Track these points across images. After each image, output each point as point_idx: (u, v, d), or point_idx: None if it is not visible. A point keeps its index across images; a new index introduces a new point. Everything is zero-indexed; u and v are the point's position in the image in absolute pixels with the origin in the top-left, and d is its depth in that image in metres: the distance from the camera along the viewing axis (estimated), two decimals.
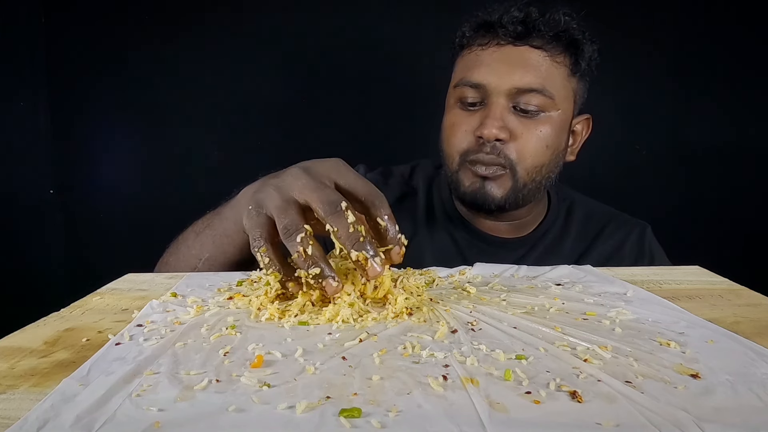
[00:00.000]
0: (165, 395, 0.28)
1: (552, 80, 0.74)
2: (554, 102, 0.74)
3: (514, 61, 0.73)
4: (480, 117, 0.74)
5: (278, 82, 1.27)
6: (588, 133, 0.85)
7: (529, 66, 0.73)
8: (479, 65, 0.74)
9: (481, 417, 0.25)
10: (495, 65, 0.73)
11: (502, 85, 0.72)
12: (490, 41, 0.74)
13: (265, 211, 0.44)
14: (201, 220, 0.67)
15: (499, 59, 0.73)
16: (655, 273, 0.57)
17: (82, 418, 0.25)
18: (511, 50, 0.73)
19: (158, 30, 1.26)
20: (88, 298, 0.48)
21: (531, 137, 0.73)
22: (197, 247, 0.64)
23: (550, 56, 0.74)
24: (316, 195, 0.42)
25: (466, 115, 0.76)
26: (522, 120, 0.73)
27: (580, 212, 0.87)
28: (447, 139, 0.78)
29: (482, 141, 0.73)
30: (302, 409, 0.26)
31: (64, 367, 0.32)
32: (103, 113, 1.28)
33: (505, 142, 0.73)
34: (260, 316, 0.41)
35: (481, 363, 0.32)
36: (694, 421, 0.25)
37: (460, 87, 0.76)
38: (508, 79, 0.72)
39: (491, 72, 0.73)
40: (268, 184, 0.46)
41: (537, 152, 0.74)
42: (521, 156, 0.74)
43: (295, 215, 0.42)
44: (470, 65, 0.76)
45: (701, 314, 0.41)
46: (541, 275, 0.55)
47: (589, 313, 0.42)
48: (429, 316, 0.41)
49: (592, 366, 0.31)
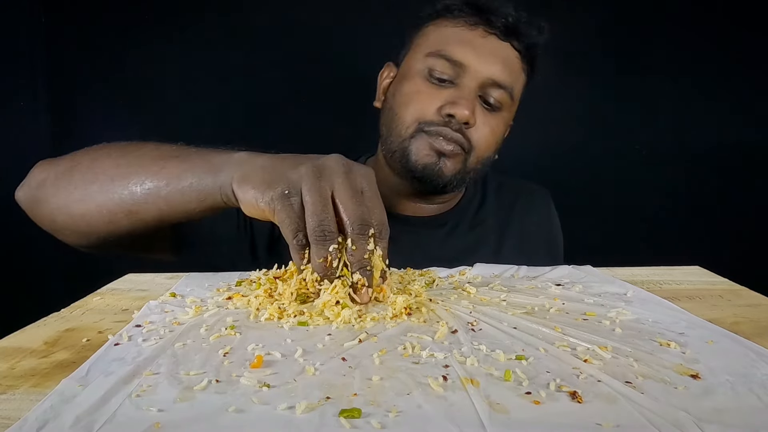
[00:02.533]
0: (165, 396, 0.28)
1: (517, 83, 0.75)
2: (512, 103, 0.75)
3: (499, 52, 0.72)
4: (449, 95, 0.71)
5: (279, 82, 1.27)
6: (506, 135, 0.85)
7: (508, 63, 0.73)
8: (465, 43, 0.71)
9: (481, 417, 0.25)
10: (481, 50, 0.71)
11: (482, 72, 0.71)
12: (478, 24, 0.72)
13: (300, 198, 0.43)
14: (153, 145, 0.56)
15: (486, 45, 0.72)
16: (655, 273, 0.57)
17: (81, 418, 0.25)
18: (497, 42, 0.72)
19: (158, 30, 1.26)
20: (88, 298, 0.48)
21: (487, 130, 0.73)
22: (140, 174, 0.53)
23: (520, 61, 0.75)
24: (353, 209, 0.42)
25: (434, 88, 0.72)
26: (483, 111, 0.73)
27: (493, 184, 0.88)
28: (405, 104, 0.73)
29: (449, 119, 0.70)
30: (302, 410, 0.26)
31: (64, 367, 0.32)
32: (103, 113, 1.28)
33: (469, 126, 0.72)
34: (260, 316, 0.41)
35: (481, 363, 0.32)
36: (694, 422, 0.25)
37: (434, 57, 0.72)
38: (489, 67, 0.71)
39: (477, 55, 0.71)
40: (307, 167, 0.44)
41: (488, 145, 0.75)
42: (477, 144, 0.73)
43: (332, 220, 0.42)
44: (452, 40, 0.72)
45: (701, 314, 0.41)
46: (541, 275, 0.55)
47: (589, 313, 0.42)
48: (429, 317, 0.41)
49: (592, 366, 0.31)
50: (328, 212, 0.42)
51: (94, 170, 0.55)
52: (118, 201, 0.53)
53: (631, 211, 1.01)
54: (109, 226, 0.55)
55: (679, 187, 1.27)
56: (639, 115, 1.28)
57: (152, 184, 0.52)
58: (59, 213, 0.57)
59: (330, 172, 0.44)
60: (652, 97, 1.27)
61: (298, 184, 0.43)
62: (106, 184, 0.54)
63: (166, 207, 0.52)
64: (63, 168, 0.58)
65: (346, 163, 0.45)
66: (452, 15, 0.74)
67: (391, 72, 0.80)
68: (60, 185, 0.56)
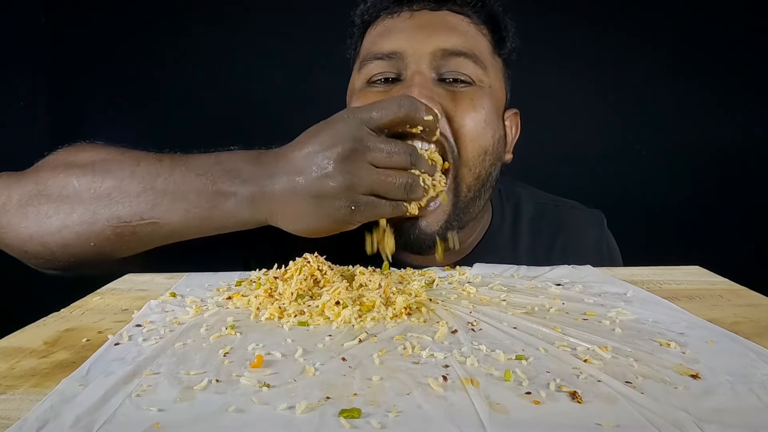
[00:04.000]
0: (165, 395, 0.28)
1: (480, 47, 0.60)
2: (486, 72, 0.60)
3: (435, 24, 0.59)
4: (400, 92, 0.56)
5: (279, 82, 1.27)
6: (518, 132, 0.70)
7: (453, 29, 0.59)
8: (389, 34, 0.60)
9: (481, 417, 0.25)
10: (410, 30, 0.59)
11: (424, 50, 0.57)
12: (400, 10, 0.61)
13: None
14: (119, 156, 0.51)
15: (415, 24, 0.59)
16: (655, 273, 0.57)
17: (81, 418, 0.25)
18: (429, 15, 0.60)
19: (159, 30, 1.26)
20: (88, 298, 0.48)
21: (466, 110, 0.57)
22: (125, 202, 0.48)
23: (474, 24, 0.61)
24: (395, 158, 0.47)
25: (380, 92, 0.59)
26: (451, 93, 0.57)
27: (529, 211, 0.71)
28: None
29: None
30: (302, 410, 0.26)
31: (64, 367, 0.32)
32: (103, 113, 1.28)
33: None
34: (260, 316, 0.41)
35: (481, 363, 0.32)
36: (694, 422, 0.25)
37: (366, 64, 0.60)
38: (429, 42, 0.58)
39: (406, 37, 0.58)
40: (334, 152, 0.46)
41: (477, 130, 0.58)
42: (459, 137, 0.57)
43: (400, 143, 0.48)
44: (376, 38, 0.61)
45: (701, 314, 0.41)
46: (541, 275, 0.55)
47: (589, 313, 0.42)
48: (429, 317, 0.41)
49: (592, 366, 0.31)
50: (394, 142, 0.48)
51: (67, 199, 0.49)
52: (108, 234, 0.49)
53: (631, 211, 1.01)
54: (99, 255, 0.51)
55: (679, 187, 1.27)
56: (639, 115, 1.28)
57: (148, 220, 0.49)
58: (31, 243, 0.51)
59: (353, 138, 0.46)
60: (653, 98, 1.27)
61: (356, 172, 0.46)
62: (87, 215, 0.49)
63: (169, 238, 0.50)
64: (27, 192, 0.51)
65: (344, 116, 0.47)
66: (372, 17, 0.64)
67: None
68: (28, 213, 0.50)
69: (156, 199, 0.48)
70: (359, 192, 0.46)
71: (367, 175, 0.46)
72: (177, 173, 0.48)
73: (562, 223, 0.72)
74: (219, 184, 0.48)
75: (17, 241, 0.51)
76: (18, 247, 0.52)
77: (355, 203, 0.46)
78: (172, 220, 0.48)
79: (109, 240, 0.50)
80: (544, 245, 0.70)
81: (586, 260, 0.59)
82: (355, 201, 0.46)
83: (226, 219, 0.49)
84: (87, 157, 0.52)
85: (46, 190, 0.50)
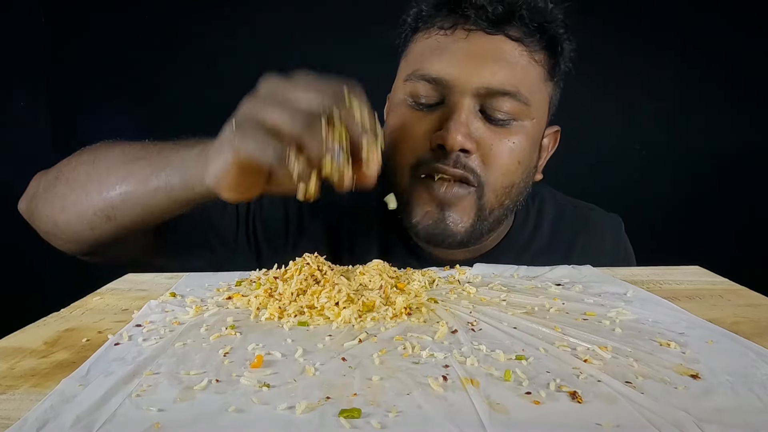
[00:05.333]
0: (165, 395, 0.28)
1: (528, 82, 0.60)
2: (529, 109, 0.60)
3: (487, 53, 0.58)
4: (438, 119, 0.58)
5: None
6: (554, 148, 0.71)
7: (504, 61, 0.58)
8: (440, 54, 0.59)
9: (481, 417, 0.25)
10: (461, 56, 0.58)
11: (470, 83, 0.57)
12: (455, 24, 0.59)
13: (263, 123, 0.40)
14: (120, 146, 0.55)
15: (467, 49, 0.58)
16: (655, 273, 0.57)
17: (81, 418, 0.25)
18: (483, 39, 0.58)
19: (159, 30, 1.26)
20: (88, 298, 0.48)
21: (502, 150, 0.59)
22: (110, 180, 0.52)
23: (528, 52, 0.60)
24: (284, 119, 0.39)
25: (419, 115, 0.60)
26: (490, 128, 0.59)
27: (550, 212, 0.73)
28: (394, 145, 0.61)
29: (442, 151, 0.58)
30: (302, 410, 0.26)
31: (64, 367, 0.32)
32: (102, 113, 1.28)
33: (469, 155, 0.58)
34: (260, 316, 0.41)
35: (481, 363, 0.32)
36: (694, 422, 0.25)
37: (412, 81, 0.60)
38: (477, 75, 0.57)
39: (456, 64, 0.58)
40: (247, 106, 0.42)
41: (508, 169, 0.60)
42: (490, 172, 0.59)
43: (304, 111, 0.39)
44: (427, 54, 0.60)
45: (701, 314, 0.41)
46: (541, 275, 0.55)
47: (589, 313, 0.42)
48: (429, 317, 0.41)
49: (592, 366, 0.31)
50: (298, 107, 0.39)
51: (71, 180, 0.56)
52: (95, 208, 0.53)
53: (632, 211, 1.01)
54: (94, 233, 0.55)
55: (679, 187, 1.27)
56: (639, 115, 1.28)
57: (122, 189, 0.52)
58: (48, 222, 0.57)
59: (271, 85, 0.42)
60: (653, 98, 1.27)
61: (250, 113, 0.41)
62: (81, 193, 0.54)
63: (141, 210, 0.52)
64: (49, 178, 0.58)
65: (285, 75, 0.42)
66: (426, 24, 0.62)
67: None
68: (47, 196, 0.57)
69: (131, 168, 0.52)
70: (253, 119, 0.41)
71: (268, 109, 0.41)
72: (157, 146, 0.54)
73: (581, 224, 0.73)
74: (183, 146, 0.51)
75: (49, 224, 0.57)
76: (42, 230, 0.59)
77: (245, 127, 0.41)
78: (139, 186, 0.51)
79: (97, 216, 0.53)
80: (564, 245, 0.70)
81: (604, 262, 0.60)
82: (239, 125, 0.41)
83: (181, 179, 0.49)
84: (101, 146, 0.58)
85: (60, 175, 0.57)
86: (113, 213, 0.53)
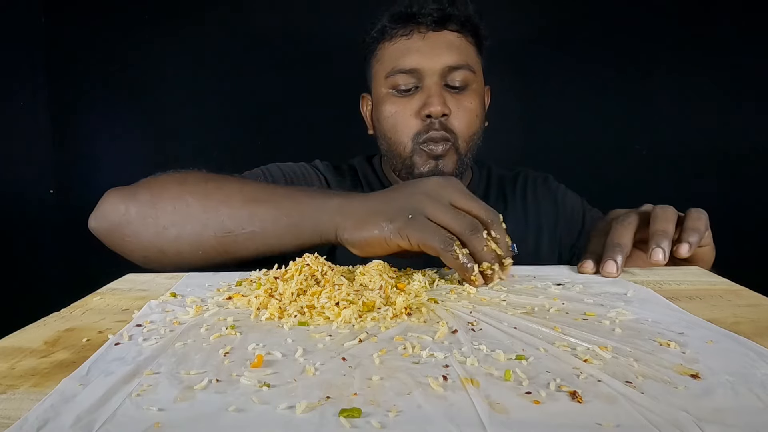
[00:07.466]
0: (165, 395, 0.28)
1: (470, 57, 0.83)
2: (474, 76, 0.82)
3: (440, 44, 0.81)
4: (419, 99, 0.80)
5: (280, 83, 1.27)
6: (489, 101, 0.92)
7: (453, 47, 0.81)
8: (409, 52, 0.81)
9: (481, 417, 0.25)
10: (425, 50, 0.80)
11: (435, 66, 0.79)
12: (412, 30, 0.81)
13: (425, 217, 0.50)
14: (233, 182, 0.60)
15: (427, 44, 0.81)
16: (655, 273, 0.57)
17: (82, 418, 0.25)
18: (435, 35, 0.81)
19: (158, 30, 1.26)
20: (88, 298, 0.48)
21: (464, 109, 0.81)
22: (232, 219, 0.57)
23: (464, 38, 0.83)
24: (455, 222, 0.49)
25: (404, 101, 0.81)
26: (454, 96, 0.81)
27: (495, 175, 0.95)
28: (393, 127, 0.83)
29: (430, 120, 0.79)
30: (302, 410, 0.26)
31: (64, 367, 0.32)
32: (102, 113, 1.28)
33: (447, 117, 0.80)
34: (260, 316, 0.41)
35: (481, 363, 0.32)
36: (694, 422, 0.25)
37: (393, 76, 0.81)
38: (439, 60, 0.80)
39: (423, 56, 0.80)
40: (418, 195, 0.51)
41: (471, 122, 0.82)
42: (460, 128, 0.81)
43: (469, 218, 0.49)
44: (399, 54, 0.82)
45: (701, 314, 0.41)
46: (541, 275, 0.55)
47: (589, 313, 0.42)
48: (429, 317, 0.41)
49: (592, 366, 0.31)
50: (463, 217, 0.49)
51: (181, 211, 0.58)
52: (215, 242, 0.58)
53: None
54: (204, 260, 0.59)
55: (679, 187, 1.27)
56: (639, 115, 1.28)
57: (250, 229, 0.57)
58: (152, 248, 0.60)
59: (436, 190, 0.52)
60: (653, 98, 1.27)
61: (419, 209, 0.50)
62: (197, 226, 0.58)
63: (263, 248, 0.57)
64: (145, 203, 0.60)
65: (427, 192, 0.52)
66: (388, 34, 0.83)
67: (368, 102, 0.90)
68: (147, 223, 0.59)
69: (257, 210, 0.57)
70: (419, 216, 0.50)
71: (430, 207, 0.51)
72: (280, 189, 0.60)
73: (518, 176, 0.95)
74: (314, 196, 0.58)
75: (139, 249, 0.60)
76: (139, 254, 0.61)
77: (413, 222, 0.50)
78: (267, 227, 0.56)
79: (215, 249, 0.58)
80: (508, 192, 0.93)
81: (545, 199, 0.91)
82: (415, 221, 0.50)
83: (312, 227, 0.55)
84: (194, 177, 0.61)
85: (161, 202, 0.59)
86: (233, 248, 0.58)
